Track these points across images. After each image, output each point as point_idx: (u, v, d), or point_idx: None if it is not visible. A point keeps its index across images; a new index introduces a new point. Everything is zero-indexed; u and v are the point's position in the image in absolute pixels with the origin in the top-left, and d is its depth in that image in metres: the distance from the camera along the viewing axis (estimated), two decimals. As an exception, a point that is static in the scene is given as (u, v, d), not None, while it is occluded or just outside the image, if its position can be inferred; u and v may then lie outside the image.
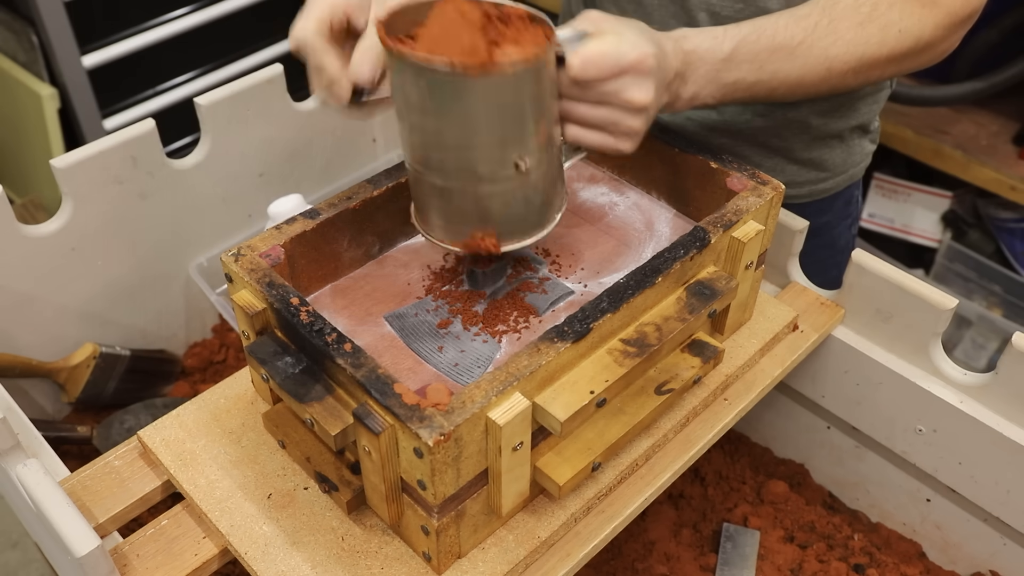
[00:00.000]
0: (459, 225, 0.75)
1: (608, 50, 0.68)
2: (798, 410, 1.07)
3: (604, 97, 0.70)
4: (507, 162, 0.70)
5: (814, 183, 1.04)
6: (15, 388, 1.06)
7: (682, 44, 0.74)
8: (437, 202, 0.75)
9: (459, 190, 0.72)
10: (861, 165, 1.06)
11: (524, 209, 0.75)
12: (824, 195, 1.05)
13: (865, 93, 0.99)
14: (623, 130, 0.72)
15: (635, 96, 0.70)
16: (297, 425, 0.76)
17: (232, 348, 1.21)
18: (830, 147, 1.01)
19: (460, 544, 0.70)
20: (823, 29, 0.78)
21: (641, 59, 0.69)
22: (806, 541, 1.02)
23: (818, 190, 1.04)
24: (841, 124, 0.99)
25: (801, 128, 0.98)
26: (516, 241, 0.76)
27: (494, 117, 0.68)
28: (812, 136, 0.99)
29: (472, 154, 0.70)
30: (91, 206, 1.02)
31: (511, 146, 0.70)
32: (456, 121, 0.68)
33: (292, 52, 0.74)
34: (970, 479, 0.92)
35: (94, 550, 0.65)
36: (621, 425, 0.72)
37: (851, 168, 1.05)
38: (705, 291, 0.76)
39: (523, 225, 0.76)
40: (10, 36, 1.89)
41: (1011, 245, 1.98)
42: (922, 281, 0.88)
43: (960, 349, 1.96)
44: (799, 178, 1.02)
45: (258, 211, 1.18)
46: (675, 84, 0.74)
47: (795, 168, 1.01)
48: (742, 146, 1.00)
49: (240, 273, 0.72)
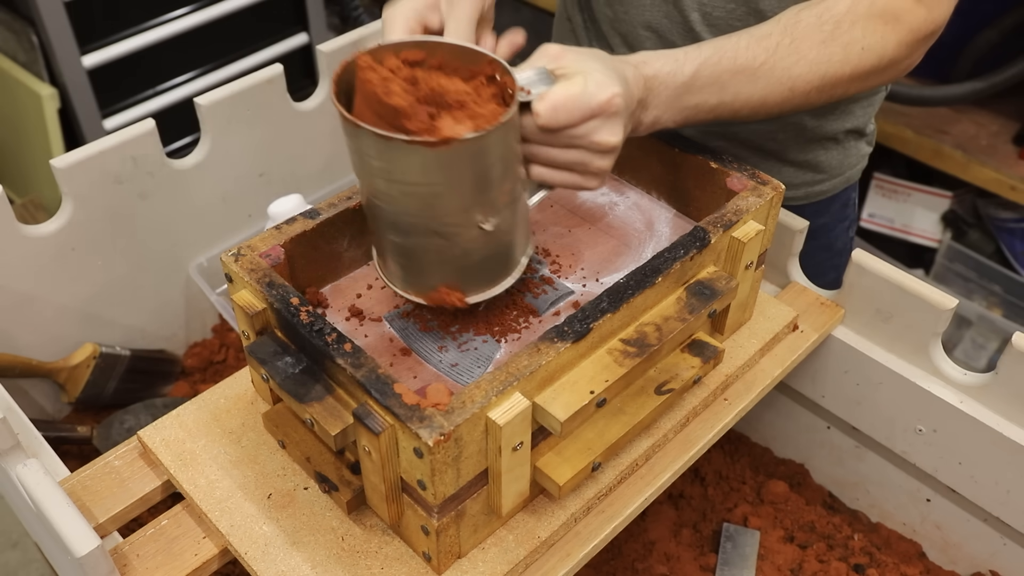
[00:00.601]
0: (422, 279, 0.73)
1: (576, 93, 0.66)
2: (798, 410, 1.07)
3: (572, 141, 0.69)
4: (470, 223, 0.68)
5: (810, 185, 1.03)
6: (15, 388, 1.06)
7: (642, 70, 0.73)
8: (398, 257, 0.73)
9: (420, 247, 0.70)
10: (857, 168, 1.06)
11: (491, 262, 0.73)
12: (820, 197, 1.05)
13: (860, 97, 0.98)
14: (592, 170, 0.71)
15: (605, 138, 0.69)
16: (297, 425, 0.76)
17: (232, 348, 1.21)
18: (826, 149, 1.01)
19: (460, 544, 0.70)
20: (785, 49, 0.77)
21: (609, 100, 0.67)
22: (806, 541, 1.02)
23: (814, 192, 1.04)
24: (836, 126, 0.99)
25: (796, 131, 0.98)
26: (483, 292, 0.74)
27: (454, 183, 0.65)
28: (807, 138, 0.99)
29: (431, 216, 0.67)
30: (91, 206, 1.02)
31: (473, 208, 0.67)
32: (413, 188, 0.66)
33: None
34: (970, 479, 0.92)
35: (94, 550, 0.65)
36: (621, 425, 0.72)
37: (847, 170, 1.05)
38: (705, 291, 0.76)
39: (489, 275, 0.74)
40: (10, 36, 1.89)
41: (1011, 245, 1.98)
42: (922, 281, 0.88)
43: (960, 349, 1.96)
44: (795, 180, 1.02)
45: (258, 211, 1.18)
46: (637, 111, 0.73)
47: (791, 170, 1.01)
48: (737, 148, 1.00)
49: (240, 273, 0.72)
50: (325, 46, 1.15)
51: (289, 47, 2.16)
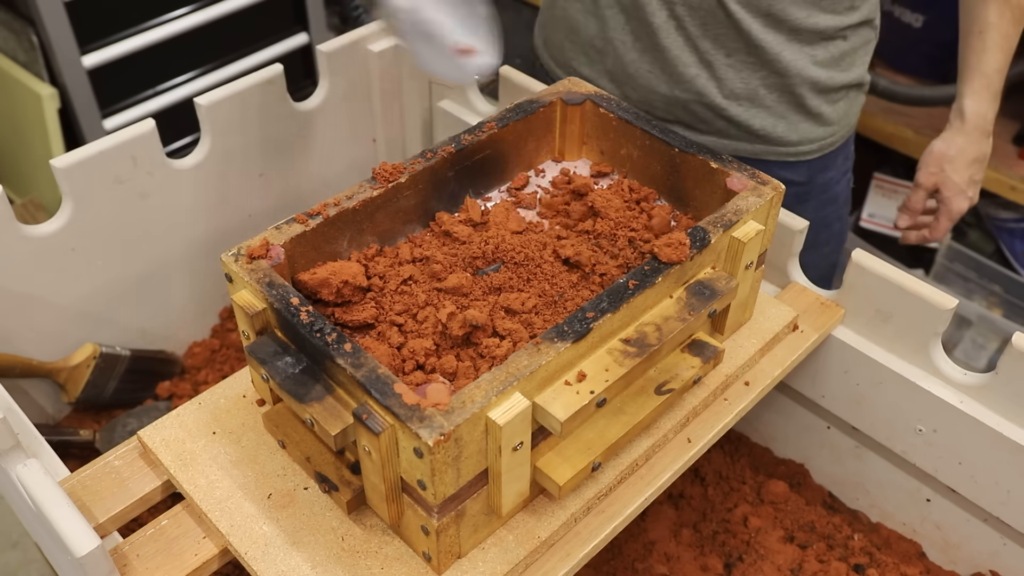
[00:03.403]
0: None
1: (954, 219, 1.10)
2: (798, 410, 1.07)
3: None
4: None
5: (823, 138, 1.09)
6: (15, 388, 1.06)
7: (986, 128, 1.08)
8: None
9: None
10: (856, 117, 1.15)
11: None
12: (830, 149, 1.11)
13: (858, 47, 1.06)
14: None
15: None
16: (297, 425, 0.76)
17: (232, 348, 1.21)
18: (833, 102, 1.07)
19: (460, 544, 0.70)
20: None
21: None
22: (806, 541, 1.02)
23: (827, 144, 1.10)
24: (843, 77, 1.06)
25: (811, 84, 1.04)
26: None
27: None
28: (819, 90, 1.05)
29: None
30: (91, 206, 1.02)
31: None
32: None
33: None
34: (970, 479, 0.92)
35: (94, 550, 0.65)
36: (621, 425, 0.72)
37: (852, 119, 1.13)
38: (705, 291, 0.76)
39: None
40: (10, 36, 1.89)
41: (1011, 245, 1.98)
42: (922, 281, 0.88)
43: (960, 349, 1.95)
44: (811, 135, 1.08)
45: (258, 211, 1.19)
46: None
47: (807, 125, 1.07)
48: (759, 111, 1.05)
49: (240, 273, 0.72)
50: (325, 46, 1.15)
51: (289, 47, 2.15)
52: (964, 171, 1.10)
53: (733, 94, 1.04)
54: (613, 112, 0.88)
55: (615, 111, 0.88)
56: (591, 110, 0.90)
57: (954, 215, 1.11)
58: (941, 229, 1.13)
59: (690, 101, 1.05)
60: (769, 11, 0.98)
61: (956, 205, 1.11)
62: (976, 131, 1.09)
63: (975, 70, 1.06)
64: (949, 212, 1.11)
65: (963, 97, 1.09)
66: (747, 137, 1.07)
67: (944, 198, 1.11)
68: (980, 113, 1.08)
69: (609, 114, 0.88)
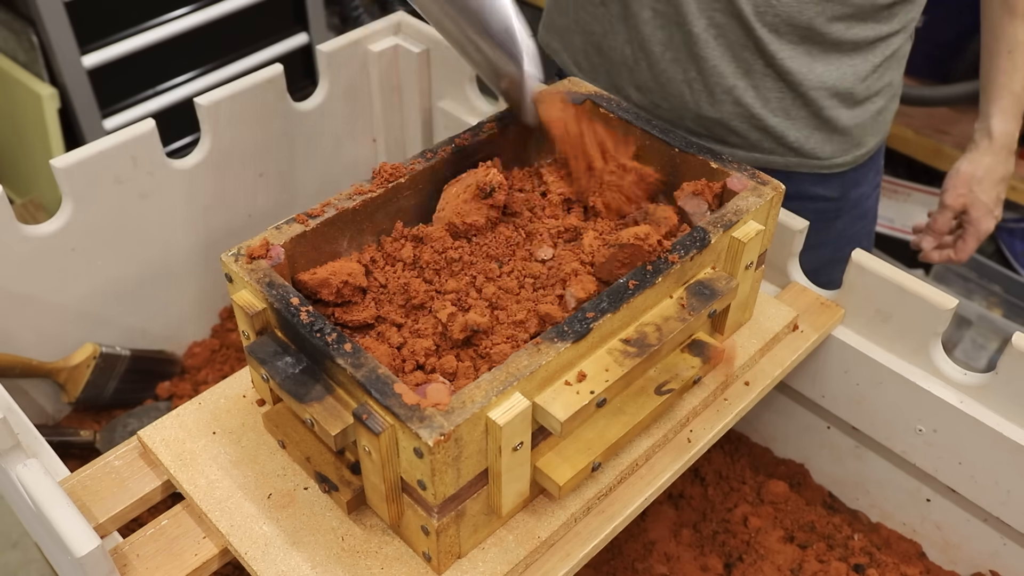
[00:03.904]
0: None
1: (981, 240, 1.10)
2: (798, 410, 1.07)
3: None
4: None
5: (856, 150, 1.08)
6: (15, 388, 1.06)
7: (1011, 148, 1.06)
8: None
9: None
10: (889, 124, 1.12)
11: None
12: (864, 159, 1.10)
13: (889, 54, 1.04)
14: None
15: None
16: (297, 425, 0.76)
17: (232, 348, 1.21)
18: (866, 112, 1.06)
19: (460, 544, 0.70)
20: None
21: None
22: (806, 541, 1.02)
23: (861, 156, 1.09)
24: (876, 86, 1.04)
25: (843, 98, 1.03)
26: None
27: None
28: (853, 101, 1.04)
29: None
30: (91, 206, 1.02)
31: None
32: None
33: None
34: (970, 479, 0.92)
35: (94, 550, 0.65)
36: (621, 425, 0.72)
37: (884, 127, 1.11)
38: (705, 291, 0.76)
39: None
40: (10, 36, 1.89)
41: (1011, 245, 1.98)
42: (922, 281, 0.88)
43: (960, 349, 1.95)
44: (843, 147, 1.07)
45: (258, 211, 1.19)
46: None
47: (840, 137, 1.06)
48: (793, 123, 1.04)
49: (240, 273, 0.72)
50: (325, 46, 1.15)
51: (289, 47, 2.16)
52: (992, 191, 1.08)
53: (769, 105, 1.02)
54: (613, 112, 0.88)
55: (615, 111, 0.88)
56: (591, 110, 0.90)
57: (981, 235, 1.10)
58: (968, 249, 1.12)
59: (726, 113, 1.03)
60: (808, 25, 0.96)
61: (984, 225, 1.10)
62: (1003, 150, 1.07)
63: (1005, 89, 1.05)
64: (977, 232, 1.10)
65: (990, 117, 1.07)
66: (780, 150, 1.05)
67: (972, 218, 1.10)
68: (1008, 132, 1.06)
69: (609, 114, 0.88)
